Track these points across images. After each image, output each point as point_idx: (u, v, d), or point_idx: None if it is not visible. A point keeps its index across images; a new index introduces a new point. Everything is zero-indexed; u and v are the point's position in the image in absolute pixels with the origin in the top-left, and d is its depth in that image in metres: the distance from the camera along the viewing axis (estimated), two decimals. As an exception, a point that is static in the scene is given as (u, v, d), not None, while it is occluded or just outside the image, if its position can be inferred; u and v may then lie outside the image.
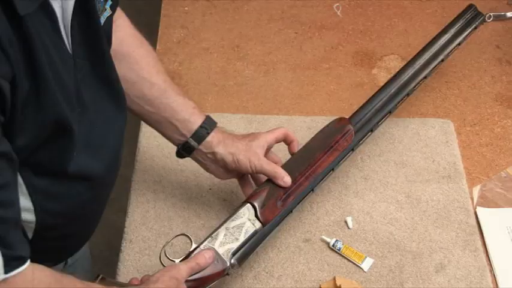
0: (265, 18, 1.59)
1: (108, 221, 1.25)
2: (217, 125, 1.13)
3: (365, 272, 1.11)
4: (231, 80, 1.43)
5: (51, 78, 0.80)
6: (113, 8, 0.96)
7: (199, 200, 1.21)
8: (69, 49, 0.86)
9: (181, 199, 1.21)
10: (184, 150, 1.11)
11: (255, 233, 1.05)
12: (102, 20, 0.92)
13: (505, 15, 1.58)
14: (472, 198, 1.22)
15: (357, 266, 1.12)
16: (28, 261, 0.79)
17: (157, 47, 1.50)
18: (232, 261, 1.02)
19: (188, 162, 1.26)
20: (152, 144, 1.29)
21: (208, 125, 1.11)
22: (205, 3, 1.60)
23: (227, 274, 1.02)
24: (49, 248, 1.00)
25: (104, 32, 0.92)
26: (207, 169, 1.14)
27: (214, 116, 1.33)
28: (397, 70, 1.23)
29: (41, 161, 0.87)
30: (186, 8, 1.59)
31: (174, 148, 1.28)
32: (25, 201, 0.89)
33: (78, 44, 0.87)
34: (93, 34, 0.89)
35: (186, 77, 1.44)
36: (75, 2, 0.83)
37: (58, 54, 0.82)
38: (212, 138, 1.10)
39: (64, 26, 0.84)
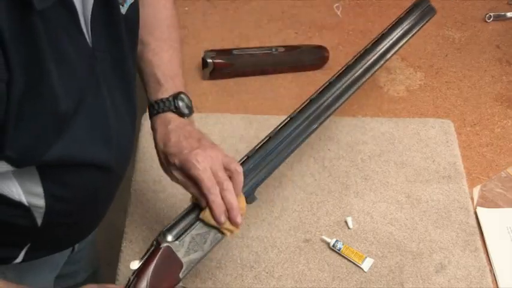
0: (265, 18, 1.59)
1: (108, 221, 1.24)
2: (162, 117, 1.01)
3: (365, 272, 1.11)
4: (231, 80, 1.43)
5: (55, 76, 0.79)
6: None
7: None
8: (89, 42, 0.85)
9: (181, 199, 1.21)
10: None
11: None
12: (125, 7, 0.91)
13: (505, 15, 1.58)
14: (472, 199, 1.22)
15: (357, 266, 1.12)
16: None
17: (158, 47, 1.50)
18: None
19: (188, 162, 1.26)
20: (152, 144, 1.29)
21: (167, 103, 1.02)
22: (205, 3, 1.60)
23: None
24: (57, 234, 1.01)
25: (125, 21, 0.91)
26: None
27: (215, 117, 1.34)
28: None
29: (52, 154, 0.85)
30: (186, 8, 1.59)
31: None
32: (36, 187, 0.89)
33: (98, 37, 0.86)
34: (113, 26, 0.88)
35: (186, 77, 1.43)
36: None
37: (76, 49, 0.81)
38: (158, 119, 1.02)
39: (84, 19, 0.83)
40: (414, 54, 1.50)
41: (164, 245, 0.91)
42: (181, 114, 1.02)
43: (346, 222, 1.18)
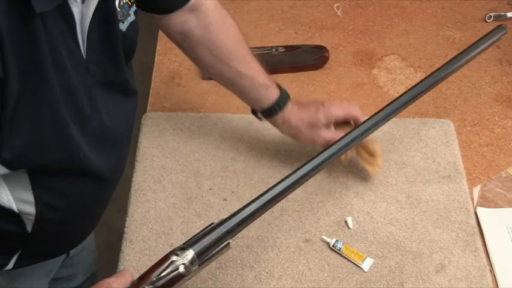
0: (265, 18, 1.59)
1: (108, 221, 1.25)
2: (289, 101, 1.20)
3: (365, 272, 1.11)
4: (231, 80, 1.43)
5: (53, 79, 0.79)
6: (137, 14, 0.96)
7: (199, 200, 1.21)
8: (83, 54, 0.85)
9: (181, 199, 1.21)
10: (256, 115, 1.23)
11: (211, 224, 0.94)
12: (125, 25, 0.92)
13: (505, 15, 1.58)
14: (472, 199, 1.22)
15: (357, 266, 1.12)
16: None
17: (158, 47, 1.50)
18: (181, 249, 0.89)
19: (188, 162, 1.26)
20: (152, 144, 1.29)
21: (278, 104, 1.19)
22: (205, 3, 1.60)
23: (178, 267, 0.88)
24: (49, 241, 1.01)
25: (123, 38, 0.92)
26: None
27: (214, 116, 1.34)
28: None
29: (47, 161, 0.86)
30: (186, 8, 1.59)
31: (174, 148, 1.29)
32: (26, 194, 0.89)
33: (93, 50, 0.86)
34: (110, 41, 0.89)
35: (186, 77, 1.44)
36: (96, 8, 0.83)
37: (69, 56, 0.82)
38: (278, 118, 1.20)
39: (82, 31, 0.84)
40: (414, 54, 1.50)
41: (183, 270, 0.88)
42: (288, 98, 1.20)
43: (346, 222, 1.18)
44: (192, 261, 0.88)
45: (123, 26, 0.91)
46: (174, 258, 0.88)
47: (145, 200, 1.21)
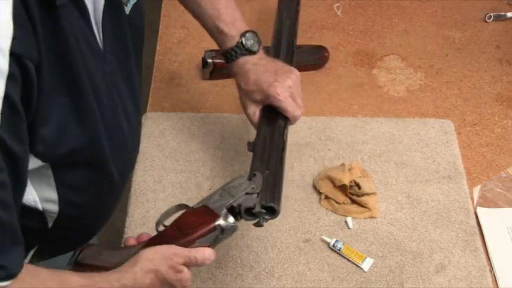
0: (266, 18, 1.58)
1: (108, 221, 1.25)
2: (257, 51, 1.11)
3: (365, 272, 1.11)
4: (231, 80, 1.43)
5: (82, 68, 0.81)
6: None
7: (199, 200, 1.20)
8: (100, 44, 0.87)
9: (181, 199, 1.20)
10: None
11: (250, 187, 0.97)
12: (129, 7, 0.93)
13: (505, 15, 1.58)
14: (472, 199, 1.22)
15: (357, 266, 1.12)
16: (12, 280, 0.74)
17: (158, 47, 1.50)
18: (224, 210, 0.94)
19: (188, 162, 1.26)
20: (152, 144, 1.29)
21: (238, 50, 1.11)
22: (205, 3, 1.60)
23: (222, 231, 0.93)
24: (64, 237, 1.03)
25: (129, 22, 0.93)
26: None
27: (214, 116, 1.34)
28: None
29: (73, 150, 0.87)
30: (186, 8, 1.59)
31: (174, 148, 1.29)
32: (51, 193, 0.90)
33: (108, 39, 0.88)
34: (119, 27, 0.91)
35: (186, 77, 1.44)
36: None
37: (89, 48, 0.84)
38: (234, 65, 1.11)
39: (95, 21, 0.85)
40: (414, 54, 1.50)
41: (226, 236, 0.94)
42: (252, 52, 1.11)
43: (346, 222, 1.18)
44: (234, 229, 0.94)
45: (126, 9, 0.93)
46: (220, 223, 0.93)
47: (145, 200, 1.21)
